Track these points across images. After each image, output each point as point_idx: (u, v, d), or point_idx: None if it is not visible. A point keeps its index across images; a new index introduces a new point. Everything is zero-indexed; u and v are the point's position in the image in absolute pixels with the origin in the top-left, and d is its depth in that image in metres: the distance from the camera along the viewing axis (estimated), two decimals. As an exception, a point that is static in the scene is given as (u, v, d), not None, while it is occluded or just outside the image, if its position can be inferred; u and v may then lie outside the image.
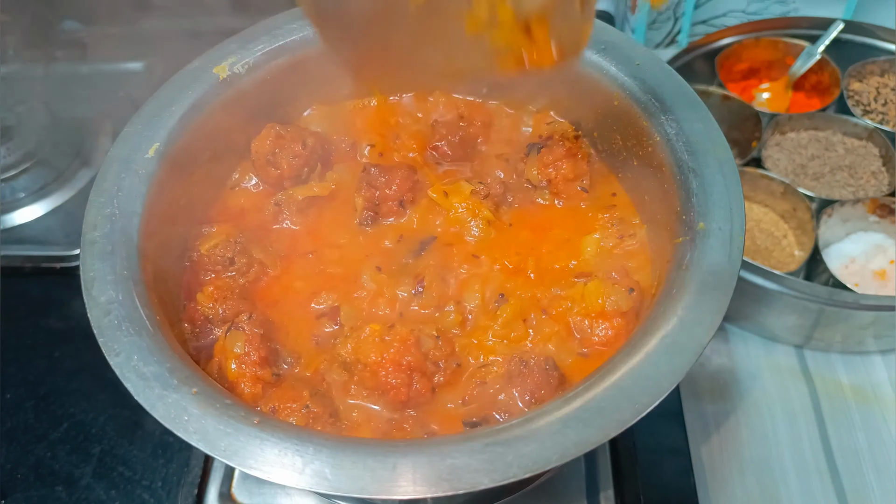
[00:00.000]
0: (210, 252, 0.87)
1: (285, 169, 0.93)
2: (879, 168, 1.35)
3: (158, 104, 0.89)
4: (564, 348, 0.81)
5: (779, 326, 1.24)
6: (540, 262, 0.87)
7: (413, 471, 0.61)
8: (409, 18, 0.68)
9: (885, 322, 1.14)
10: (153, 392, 0.66)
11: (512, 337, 0.81)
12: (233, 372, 0.77)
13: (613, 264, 0.85)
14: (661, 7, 1.56)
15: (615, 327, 0.78)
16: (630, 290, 0.79)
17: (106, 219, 0.79)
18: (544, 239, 0.90)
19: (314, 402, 0.74)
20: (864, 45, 1.49)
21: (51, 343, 1.28)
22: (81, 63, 1.77)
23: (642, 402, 0.63)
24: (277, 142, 0.93)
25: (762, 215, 1.35)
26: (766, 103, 1.52)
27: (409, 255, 0.89)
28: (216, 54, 0.95)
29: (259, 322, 0.79)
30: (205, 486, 1.05)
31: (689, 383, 1.23)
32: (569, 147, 0.91)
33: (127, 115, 0.89)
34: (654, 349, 0.66)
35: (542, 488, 1.00)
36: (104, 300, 0.72)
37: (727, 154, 0.80)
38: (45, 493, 1.12)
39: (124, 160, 0.84)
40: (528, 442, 0.62)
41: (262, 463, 0.62)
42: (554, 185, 0.92)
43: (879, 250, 1.27)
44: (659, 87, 0.86)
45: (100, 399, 1.20)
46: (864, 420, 1.19)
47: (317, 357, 0.81)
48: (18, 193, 1.47)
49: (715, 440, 1.17)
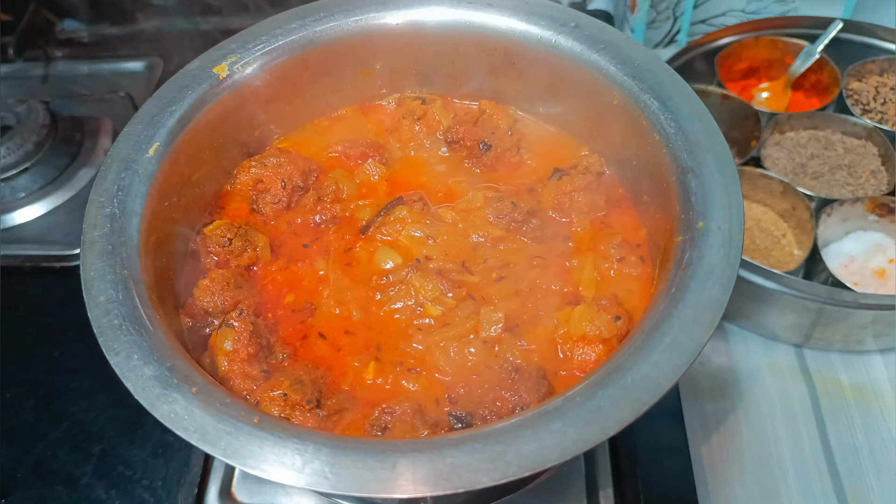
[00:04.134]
0: (212, 232, 0.89)
1: (270, 214, 0.95)
2: (878, 167, 1.35)
3: (158, 104, 0.89)
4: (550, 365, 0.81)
5: (778, 325, 1.24)
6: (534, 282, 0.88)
7: (413, 469, 0.61)
8: None
9: (884, 321, 1.14)
10: (153, 391, 0.66)
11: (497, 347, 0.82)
12: (223, 370, 0.77)
13: (607, 291, 0.85)
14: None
15: (597, 353, 0.79)
16: (616, 319, 0.79)
17: (106, 218, 0.79)
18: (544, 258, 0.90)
19: (293, 390, 0.75)
20: (864, 45, 1.49)
21: (51, 343, 1.28)
22: (81, 63, 1.78)
23: (642, 400, 0.63)
24: (256, 187, 0.96)
25: (761, 214, 1.35)
26: (765, 102, 1.52)
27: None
28: (216, 54, 0.95)
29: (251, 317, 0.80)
30: (205, 486, 1.05)
31: (688, 382, 1.23)
32: (590, 181, 0.92)
33: (127, 115, 0.89)
34: (654, 348, 0.67)
35: (541, 487, 1.00)
36: (104, 300, 0.72)
37: (726, 153, 0.80)
38: (45, 493, 1.12)
39: (124, 160, 0.84)
40: (528, 441, 0.62)
41: (261, 462, 0.62)
42: (566, 214, 0.93)
43: (879, 249, 1.27)
44: (658, 87, 0.86)
45: (100, 399, 1.20)
46: (863, 419, 1.19)
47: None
48: (18, 193, 1.47)
49: (715, 439, 1.18)
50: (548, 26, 0.94)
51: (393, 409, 0.76)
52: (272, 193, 0.95)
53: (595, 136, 0.98)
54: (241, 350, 0.78)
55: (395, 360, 0.82)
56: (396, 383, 0.80)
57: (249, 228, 0.92)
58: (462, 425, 0.75)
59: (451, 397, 0.78)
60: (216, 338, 0.79)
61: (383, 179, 0.98)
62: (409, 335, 0.83)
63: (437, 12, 0.98)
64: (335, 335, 0.84)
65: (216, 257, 0.89)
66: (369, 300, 0.86)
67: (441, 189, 0.98)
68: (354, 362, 0.82)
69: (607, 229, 0.92)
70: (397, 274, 0.87)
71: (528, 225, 0.91)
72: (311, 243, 0.93)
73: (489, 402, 0.76)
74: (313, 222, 0.94)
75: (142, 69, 1.74)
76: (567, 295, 0.86)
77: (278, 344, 0.83)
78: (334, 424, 0.76)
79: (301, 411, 0.74)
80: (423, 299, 0.85)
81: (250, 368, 0.78)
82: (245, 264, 0.90)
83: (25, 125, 1.48)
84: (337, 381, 0.80)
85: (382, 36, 0.99)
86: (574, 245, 0.91)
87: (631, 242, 0.90)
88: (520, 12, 0.95)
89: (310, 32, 0.97)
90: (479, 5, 0.96)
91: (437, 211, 0.94)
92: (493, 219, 0.91)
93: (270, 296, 0.88)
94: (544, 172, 0.98)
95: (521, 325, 0.83)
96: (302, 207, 0.96)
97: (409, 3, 0.98)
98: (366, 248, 0.91)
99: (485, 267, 0.88)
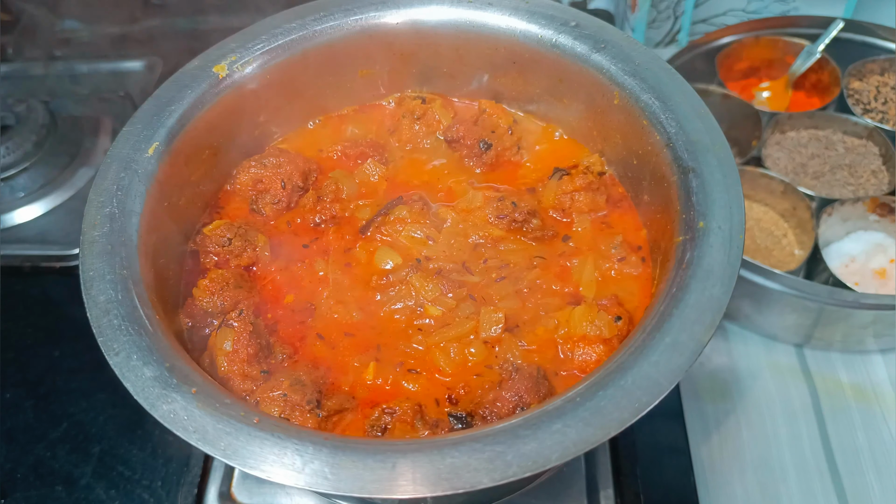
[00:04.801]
0: (212, 232, 0.89)
1: (269, 214, 0.95)
2: (879, 167, 1.35)
3: (158, 103, 0.89)
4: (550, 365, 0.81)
5: (779, 325, 1.24)
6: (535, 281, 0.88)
7: (413, 470, 0.61)
8: None
9: (885, 321, 1.14)
10: (153, 392, 0.66)
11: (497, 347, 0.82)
12: (222, 370, 0.77)
13: (607, 291, 0.85)
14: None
15: (597, 353, 0.79)
16: (616, 319, 0.79)
17: (105, 218, 0.79)
18: (544, 258, 0.90)
19: (293, 390, 0.74)
20: (864, 44, 1.49)
21: (51, 343, 1.28)
22: (81, 63, 1.77)
23: (642, 401, 0.63)
24: (255, 187, 0.95)
25: (762, 214, 1.35)
26: (766, 102, 1.52)
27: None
28: (216, 53, 0.95)
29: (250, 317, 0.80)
30: (204, 486, 1.05)
31: (689, 382, 1.23)
32: (591, 180, 0.92)
33: (127, 115, 0.89)
34: (654, 348, 0.66)
35: (542, 487, 1.00)
36: (104, 300, 0.72)
37: (727, 153, 0.80)
38: (45, 493, 1.12)
39: (124, 159, 0.84)
40: (528, 441, 0.61)
41: (261, 462, 0.62)
42: (567, 214, 0.93)
43: (879, 249, 1.27)
44: (659, 86, 0.86)
45: (99, 399, 1.20)
46: (864, 419, 1.19)
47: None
48: (18, 193, 1.47)
49: (715, 439, 1.17)
50: (548, 25, 0.94)
51: (393, 410, 0.76)
52: (272, 193, 0.95)
53: (596, 136, 0.98)
54: (240, 350, 0.77)
55: (395, 360, 0.81)
56: (396, 383, 0.80)
57: (249, 228, 0.91)
58: (462, 425, 0.75)
59: (451, 397, 0.78)
60: (216, 338, 0.79)
61: (383, 179, 0.98)
62: (409, 335, 0.83)
63: (437, 11, 0.98)
64: (335, 335, 0.84)
65: (216, 257, 0.89)
66: (369, 300, 0.86)
67: (441, 189, 0.98)
68: (354, 362, 0.81)
69: (608, 229, 0.92)
70: (397, 274, 0.87)
71: (529, 225, 0.91)
72: (310, 243, 0.93)
73: (489, 402, 0.76)
74: (313, 222, 0.94)
75: (141, 69, 1.74)
76: (567, 295, 0.86)
77: (278, 344, 0.83)
78: (334, 425, 0.76)
79: (301, 412, 0.74)
80: (423, 299, 0.85)
81: (250, 369, 0.78)
82: (245, 264, 0.90)
83: (25, 125, 1.48)
84: (337, 381, 0.80)
85: (382, 35, 0.99)
86: (574, 245, 0.91)
87: (631, 242, 0.90)
88: (520, 11, 0.95)
89: (309, 32, 0.97)
90: (479, 4, 0.96)
91: (437, 211, 0.94)
92: (493, 219, 0.91)
93: (270, 296, 0.88)
94: (544, 172, 0.98)
95: (521, 325, 0.83)
96: (302, 207, 0.95)
97: (409, 3, 0.98)
98: (366, 249, 0.91)
99: (485, 267, 0.88)
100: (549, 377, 0.79)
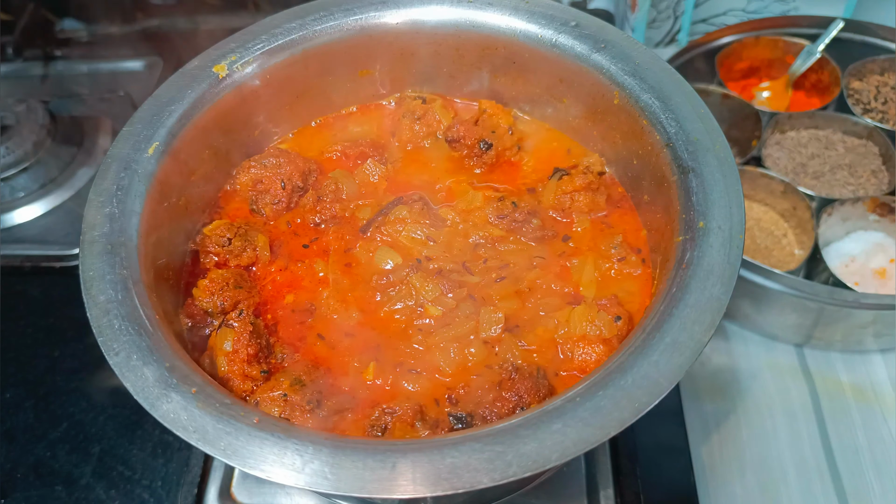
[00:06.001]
0: (212, 232, 0.89)
1: (269, 214, 0.95)
2: (879, 167, 1.35)
3: (158, 103, 0.89)
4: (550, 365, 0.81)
5: (779, 325, 1.24)
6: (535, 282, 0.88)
7: (413, 470, 0.61)
8: None
9: (885, 321, 1.14)
10: (152, 392, 0.66)
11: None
12: (222, 370, 0.77)
13: (607, 291, 0.85)
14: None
15: (597, 353, 0.79)
16: (616, 319, 0.79)
17: (105, 218, 0.79)
18: (544, 258, 0.90)
19: (293, 390, 0.75)
20: (864, 44, 1.49)
21: (50, 343, 1.28)
22: (81, 63, 1.77)
23: (642, 401, 0.63)
24: (255, 187, 0.95)
25: (762, 214, 1.35)
26: (766, 102, 1.52)
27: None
28: (216, 53, 0.95)
29: (250, 317, 0.80)
30: (204, 486, 1.05)
31: (689, 382, 1.23)
32: (591, 180, 0.92)
33: (127, 115, 0.89)
34: (654, 348, 0.66)
35: (542, 487, 1.00)
36: (104, 300, 0.72)
37: (727, 153, 0.80)
38: (44, 493, 1.12)
39: (124, 159, 0.84)
40: (528, 441, 0.61)
41: (261, 462, 0.62)
42: (566, 215, 0.93)
43: (879, 249, 1.27)
44: (659, 86, 0.86)
45: (99, 399, 1.20)
46: (864, 419, 1.19)
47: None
48: (18, 193, 1.47)
49: (715, 439, 1.17)
50: (548, 25, 0.94)
51: (393, 410, 0.76)
52: (272, 194, 0.95)
53: (596, 136, 0.98)
54: (240, 350, 0.77)
55: (395, 360, 0.81)
56: (396, 384, 0.80)
57: (249, 228, 0.91)
58: (462, 425, 0.75)
59: (451, 397, 0.78)
60: (216, 338, 0.79)
61: (383, 179, 0.98)
62: (409, 335, 0.83)
63: (437, 11, 0.98)
64: (335, 335, 0.84)
65: (216, 257, 0.89)
66: (369, 301, 0.86)
67: (441, 189, 0.98)
68: (354, 363, 0.81)
69: (608, 229, 0.92)
70: (397, 274, 0.87)
71: (529, 225, 0.91)
72: (310, 243, 0.93)
73: (489, 402, 0.76)
74: (313, 222, 0.94)
75: (141, 69, 1.74)
76: (567, 295, 0.86)
77: (278, 344, 0.83)
78: (334, 425, 0.76)
79: (301, 412, 0.74)
80: (424, 300, 0.84)
81: (250, 369, 0.78)
82: (245, 264, 0.90)
83: (25, 125, 1.48)
84: (337, 381, 0.80)
85: (382, 35, 0.99)
86: (574, 245, 0.91)
87: (631, 242, 0.90)
88: (520, 11, 0.95)
89: (309, 32, 0.97)
90: (479, 4, 0.96)
91: (438, 211, 0.94)
92: (493, 219, 0.91)
93: (270, 296, 0.88)
94: (545, 172, 0.98)
95: (521, 325, 0.83)
96: (301, 207, 0.95)
97: (409, 3, 0.98)
98: (366, 249, 0.91)
99: (485, 267, 0.88)
100: (549, 377, 0.79)
